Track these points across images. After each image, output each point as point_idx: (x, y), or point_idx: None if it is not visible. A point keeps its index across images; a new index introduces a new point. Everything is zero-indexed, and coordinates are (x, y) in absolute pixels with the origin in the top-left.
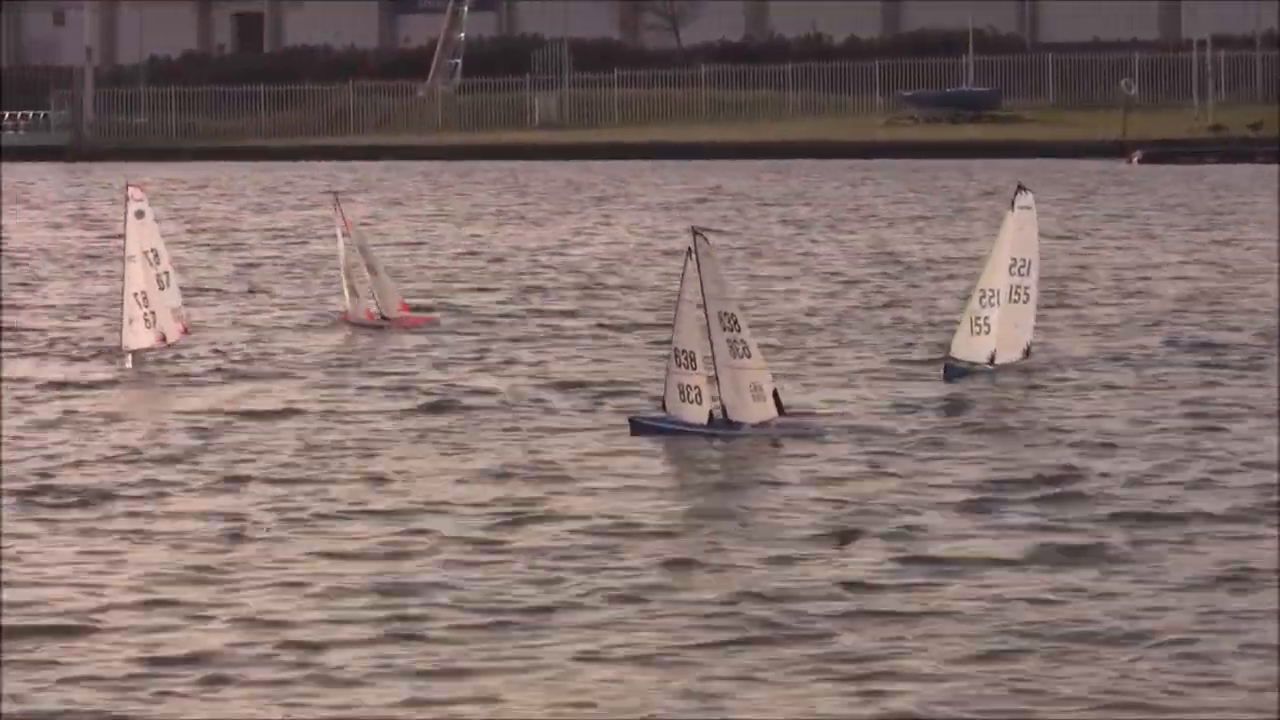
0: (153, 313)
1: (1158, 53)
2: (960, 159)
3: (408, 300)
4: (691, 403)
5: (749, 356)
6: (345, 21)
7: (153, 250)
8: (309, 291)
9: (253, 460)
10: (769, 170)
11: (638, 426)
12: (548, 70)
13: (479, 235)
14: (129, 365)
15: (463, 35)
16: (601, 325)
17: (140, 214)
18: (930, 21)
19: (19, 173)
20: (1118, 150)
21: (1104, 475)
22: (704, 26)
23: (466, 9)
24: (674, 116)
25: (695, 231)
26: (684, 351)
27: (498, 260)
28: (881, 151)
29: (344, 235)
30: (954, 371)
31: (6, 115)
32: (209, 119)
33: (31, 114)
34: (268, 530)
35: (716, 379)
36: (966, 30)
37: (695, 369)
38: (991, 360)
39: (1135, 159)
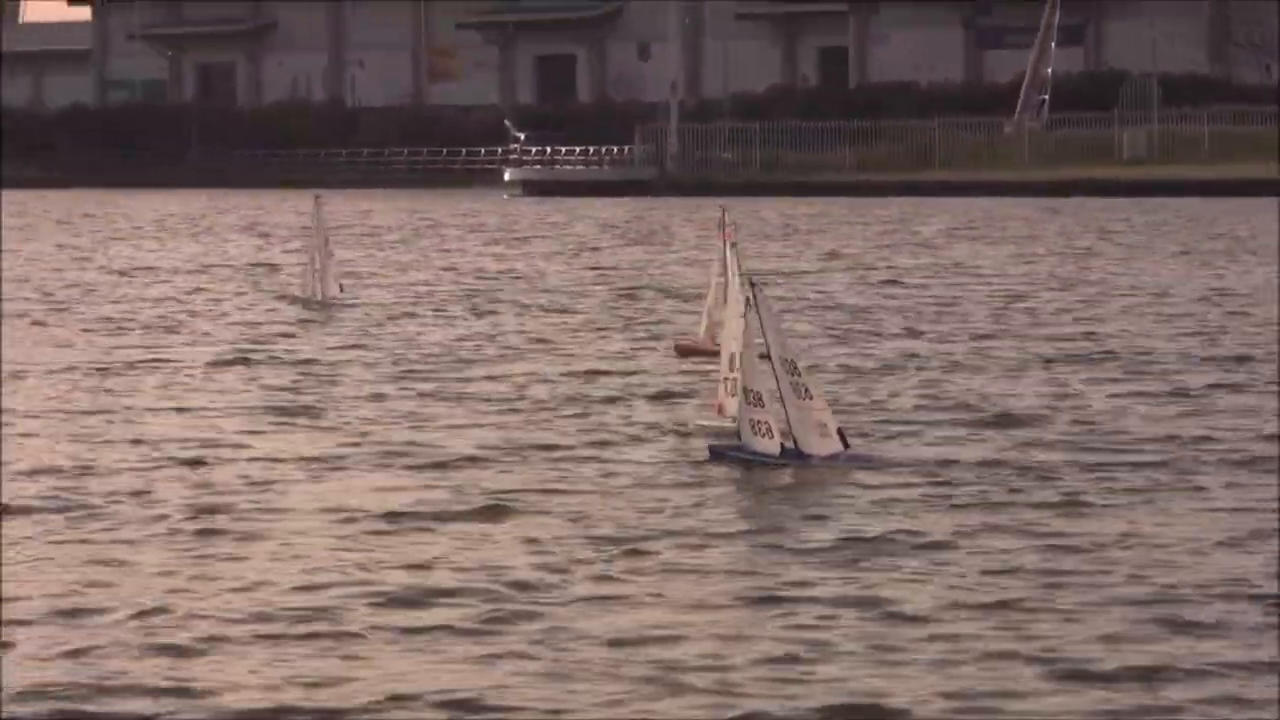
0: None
1: None
2: None
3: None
4: (763, 436)
5: (812, 398)
6: (931, 56)
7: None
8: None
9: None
10: None
11: (716, 454)
12: (1135, 105)
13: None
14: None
15: (1050, 70)
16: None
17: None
18: None
19: (605, 207)
20: None
21: None
22: None
23: (1054, 44)
24: (1266, 152)
25: (751, 283)
26: (752, 391)
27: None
28: None
29: (721, 258)
30: None
31: (592, 150)
32: (793, 154)
33: (616, 149)
34: None
35: (786, 413)
36: None
37: (764, 406)
38: None
39: None
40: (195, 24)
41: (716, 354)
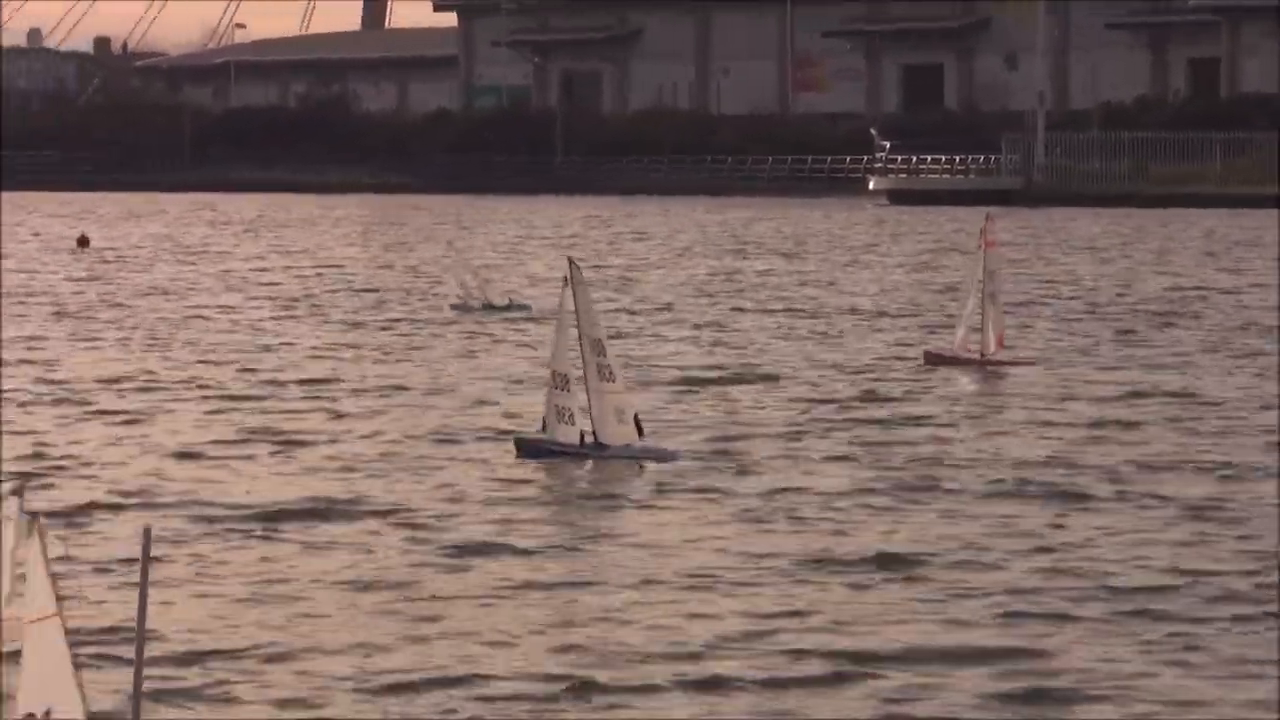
0: None
1: None
2: None
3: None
4: (566, 423)
5: (613, 380)
6: None
7: None
8: None
9: None
10: None
11: (523, 447)
12: None
13: None
14: None
15: None
16: None
17: None
18: None
19: (969, 217)
20: None
21: None
22: None
23: None
24: None
25: (570, 261)
26: (559, 374)
27: None
28: None
29: (984, 266)
30: None
31: (958, 159)
32: (1161, 165)
33: (982, 158)
34: None
35: (589, 400)
36: None
37: (568, 390)
38: None
39: None
40: (561, 31)
41: (968, 363)
